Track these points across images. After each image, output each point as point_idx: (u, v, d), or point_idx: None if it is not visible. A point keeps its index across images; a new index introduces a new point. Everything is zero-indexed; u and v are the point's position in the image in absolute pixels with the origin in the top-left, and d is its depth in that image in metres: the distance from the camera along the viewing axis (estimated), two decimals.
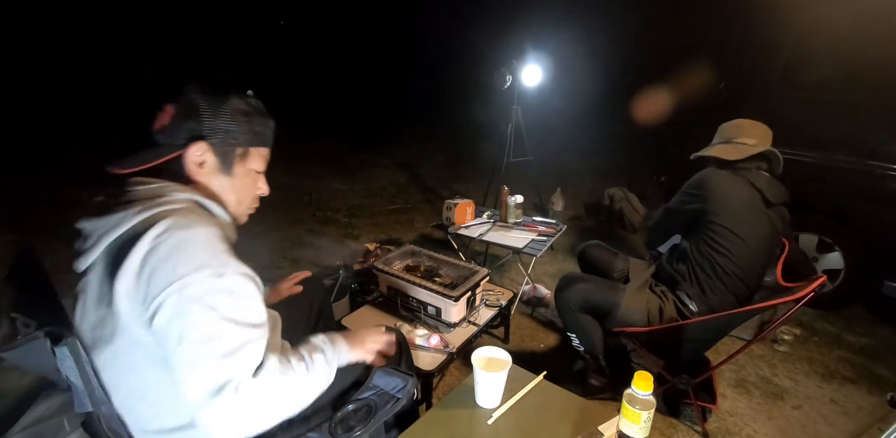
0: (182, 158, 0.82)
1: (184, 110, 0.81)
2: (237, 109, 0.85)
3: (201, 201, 0.81)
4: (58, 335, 0.64)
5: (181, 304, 0.66)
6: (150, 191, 0.77)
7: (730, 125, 1.68)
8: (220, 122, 0.83)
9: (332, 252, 2.83)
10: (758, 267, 1.56)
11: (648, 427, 0.86)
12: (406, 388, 0.95)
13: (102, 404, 0.69)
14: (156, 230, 0.68)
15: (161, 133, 0.82)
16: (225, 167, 0.86)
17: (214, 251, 0.71)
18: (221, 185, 0.87)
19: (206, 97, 0.82)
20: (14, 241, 3.17)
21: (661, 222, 1.78)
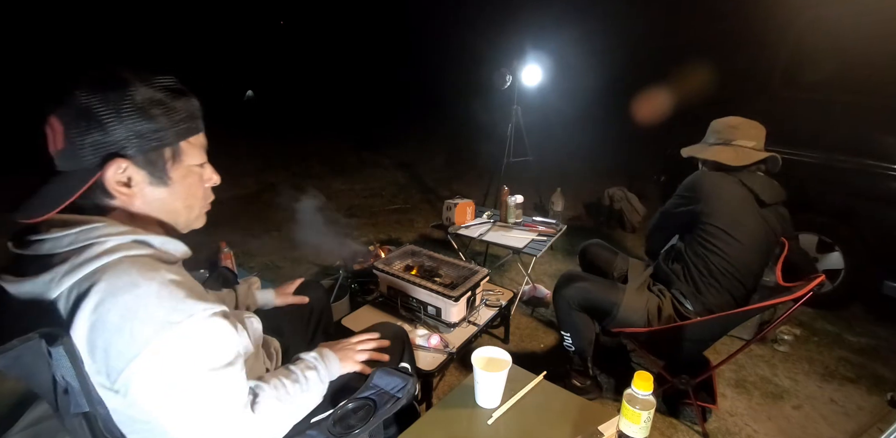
0: (100, 183, 0.65)
1: (78, 121, 0.62)
2: (147, 101, 0.65)
3: (141, 239, 0.66)
4: (53, 335, 0.63)
5: (154, 373, 0.59)
6: (75, 240, 0.62)
7: (725, 125, 1.66)
8: (131, 126, 0.64)
9: (332, 252, 2.83)
10: (754, 267, 1.56)
11: (648, 427, 0.86)
12: (406, 388, 0.95)
13: (98, 404, 0.69)
14: (93, 299, 0.58)
15: (60, 158, 0.64)
16: (157, 177, 0.70)
17: (172, 301, 0.61)
18: (160, 198, 0.71)
19: (98, 96, 0.63)
20: None
21: (657, 225, 1.78)
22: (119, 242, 0.64)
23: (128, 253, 0.63)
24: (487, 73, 3.17)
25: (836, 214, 2.39)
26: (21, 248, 0.64)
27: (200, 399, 0.63)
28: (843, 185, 2.36)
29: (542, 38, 4.70)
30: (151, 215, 0.72)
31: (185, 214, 0.76)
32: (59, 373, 0.66)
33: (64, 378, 0.66)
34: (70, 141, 0.63)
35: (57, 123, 0.63)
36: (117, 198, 0.68)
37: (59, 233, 0.63)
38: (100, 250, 0.62)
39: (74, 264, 0.60)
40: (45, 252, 0.62)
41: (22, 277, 0.62)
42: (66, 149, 0.64)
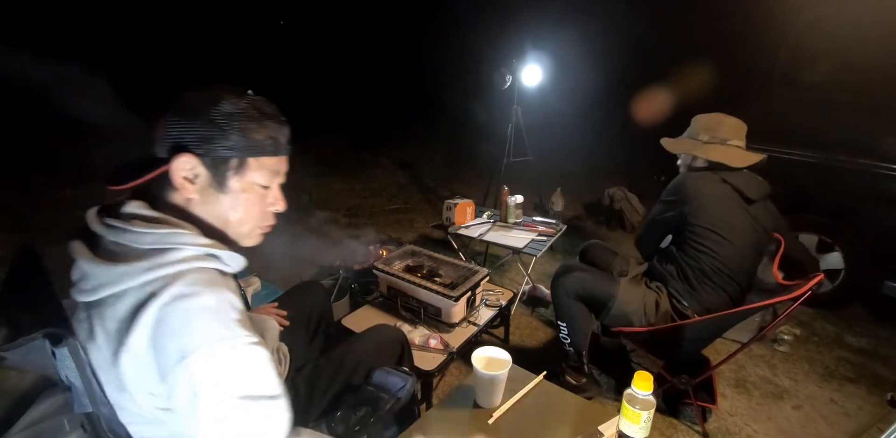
0: (169, 173, 0.72)
1: (172, 116, 0.72)
2: (231, 113, 0.72)
3: (213, 252, 0.71)
4: (57, 336, 0.64)
5: (194, 384, 0.61)
6: (158, 241, 0.68)
7: (716, 121, 1.64)
8: (208, 129, 0.71)
9: (332, 252, 2.83)
10: (746, 265, 1.56)
11: (648, 427, 0.86)
12: (406, 388, 0.95)
13: (102, 404, 0.69)
14: (162, 299, 0.63)
15: (156, 144, 0.74)
16: (218, 182, 0.74)
17: (225, 320, 0.64)
18: (217, 203, 0.76)
19: (197, 101, 0.72)
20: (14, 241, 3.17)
21: (646, 234, 1.79)
22: (195, 253, 0.69)
23: (199, 265, 0.68)
24: (487, 73, 3.17)
25: (836, 214, 2.40)
26: (100, 230, 0.70)
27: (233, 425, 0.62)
28: (843, 185, 2.36)
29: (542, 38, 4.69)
30: (207, 219, 0.77)
31: (234, 227, 0.79)
32: (63, 373, 0.66)
33: (68, 378, 0.66)
34: (163, 132, 0.72)
35: (164, 118, 0.73)
36: (180, 192, 0.73)
37: (144, 229, 0.68)
38: (178, 257, 0.67)
39: (153, 264, 0.65)
40: (125, 242, 0.68)
41: (99, 258, 0.67)
42: (159, 139, 0.73)
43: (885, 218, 2.24)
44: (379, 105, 9.01)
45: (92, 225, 0.71)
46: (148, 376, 0.63)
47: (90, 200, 0.78)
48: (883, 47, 2.21)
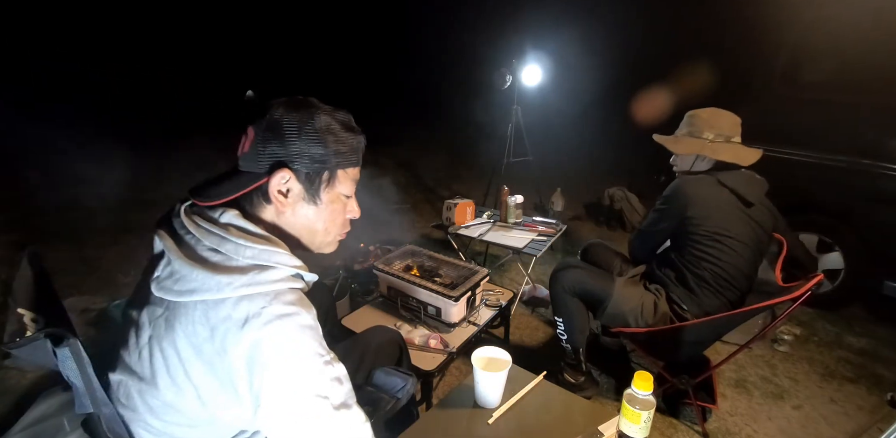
0: (264, 187, 0.74)
1: (265, 133, 0.73)
2: (324, 128, 0.75)
3: (303, 274, 0.75)
4: (59, 336, 0.64)
5: (300, 396, 0.64)
6: (257, 257, 0.69)
7: (720, 119, 1.59)
8: (305, 145, 0.73)
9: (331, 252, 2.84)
10: (746, 270, 1.55)
11: (648, 427, 0.86)
12: (406, 388, 0.95)
13: (103, 405, 0.69)
14: (264, 318, 0.64)
15: (243, 159, 0.75)
16: (311, 195, 0.77)
17: (319, 337, 0.69)
18: (307, 215, 0.79)
19: (289, 116, 0.73)
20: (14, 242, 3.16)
21: (642, 244, 1.75)
22: (289, 274, 0.71)
23: (291, 285, 0.71)
24: (487, 72, 3.17)
25: (836, 214, 2.40)
26: (197, 233, 0.71)
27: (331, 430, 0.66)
28: (843, 185, 2.36)
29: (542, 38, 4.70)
30: (293, 231, 0.79)
31: (321, 236, 0.83)
32: (65, 373, 0.66)
33: (69, 378, 0.66)
34: (254, 147, 0.73)
35: (251, 131, 0.74)
36: (273, 205, 0.76)
37: (245, 242, 0.70)
38: (276, 277, 0.69)
39: (255, 280, 0.67)
40: (224, 252, 0.69)
41: (195, 262, 0.68)
42: (249, 154, 0.74)
43: (885, 218, 2.24)
44: (379, 105, 9.01)
45: (187, 224, 0.72)
46: (234, 389, 0.66)
47: (90, 201, 0.78)
48: (883, 47, 2.21)
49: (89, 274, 2.59)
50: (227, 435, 0.74)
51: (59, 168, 4.30)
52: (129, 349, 0.72)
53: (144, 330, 0.71)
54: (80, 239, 3.00)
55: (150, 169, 4.44)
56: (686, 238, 1.54)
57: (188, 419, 0.70)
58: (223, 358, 0.64)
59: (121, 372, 0.72)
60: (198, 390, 0.67)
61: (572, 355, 1.76)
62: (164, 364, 0.68)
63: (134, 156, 4.81)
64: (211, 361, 0.65)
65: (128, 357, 0.72)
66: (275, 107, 0.74)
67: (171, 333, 0.67)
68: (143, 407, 0.71)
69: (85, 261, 2.73)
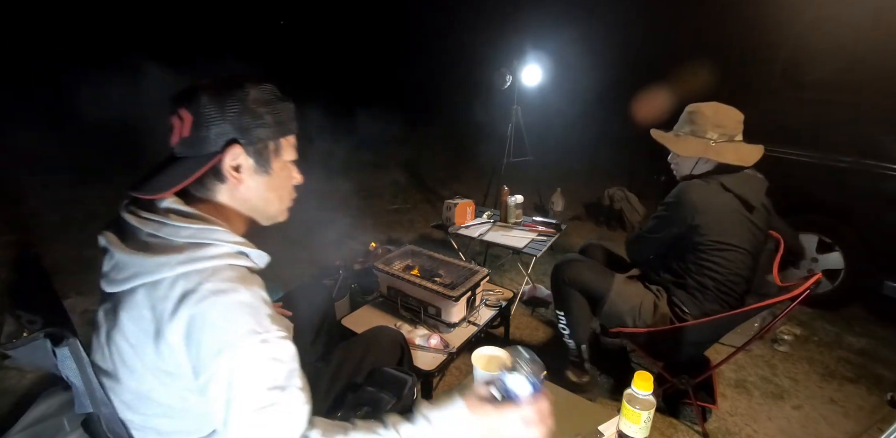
0: (217, 167, 0.75)
1: (204, 114, 0.72)
2: (259, 100, 0.76)
3: (245, 251, 0.74)
4: (58, 336, 0.64)
5: (231, 376, 0.63)
6: (194, 235, 0.70)
7: (724, 116, 1.51)
8: (248, 119, 0.75)
9: (332, 252, 2.83)
10: (747, 275, 1.55)
11: (648, 427, 0.86)
12: (406, 388, 0.95)
13: (103, 405, 0.69)
14: (200, 294, 0.64)
15: (182, 145, 0.74)
16: (262, 166, 0.79)
17: (258, 316, 0.67)
18: (260, 187, 0.80)
19: (223, 94, 0.74)
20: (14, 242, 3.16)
21: (642, 249, 1.72)
22: (229, 250, 0.71)
23: (232, 262, 0.71)
24: (487, 73, 3.17)
25: (836, 214, 2.40)
26: (136, 223, 0.71)
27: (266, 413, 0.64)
28: (843, 185, 2.36)
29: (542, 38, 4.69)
30: (249, 204, 0.81)
31: (276, 204, 0.85)
32: (65, 373, 0.66)
33: (69, 378, 0.66)
34: (197, 130, 0.72)
35: (187, 115, 0.72)
36: (227, 183, 0.77)
37: (181, 223, 0.70)
38: (214, 252, 0.69)
39: (190, 257, 0.67)
40: (162, 235, 0.69)
41: (134, 250, 0.68)
42: (192, 137, 0.73)
43: (885, 218, 2.24)
44: (379, 105, 9.01)
45: (127, 218, 0.72)
46: (180, 367, 0.66)
47: (90, 201, 0.78)
48: (883, 47, 2.21)
49: (89, 274, 2.59)
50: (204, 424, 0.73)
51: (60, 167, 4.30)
52: (94, 350, 0.74)
53: (102, 328, 0.72)
54: (80, 239, 3.00)
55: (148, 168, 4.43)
56: (689, 245, 1.52)
57: (163, 408, 0.70)
58: (164, 337, 0.64)
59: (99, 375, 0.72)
60: (156, 376, 0.67)
61: (575, 352, 1.75)
62: (119, 356, 0.69)
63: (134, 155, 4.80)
64: (156, 343, 0.65)
65: (94, 358, 0.73)
66: (204, 88, 0.74)
67: (119, 323, 0.68)
68: (120, 405, 0.72)
69: (85, 261, 2.73)
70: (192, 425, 0.73)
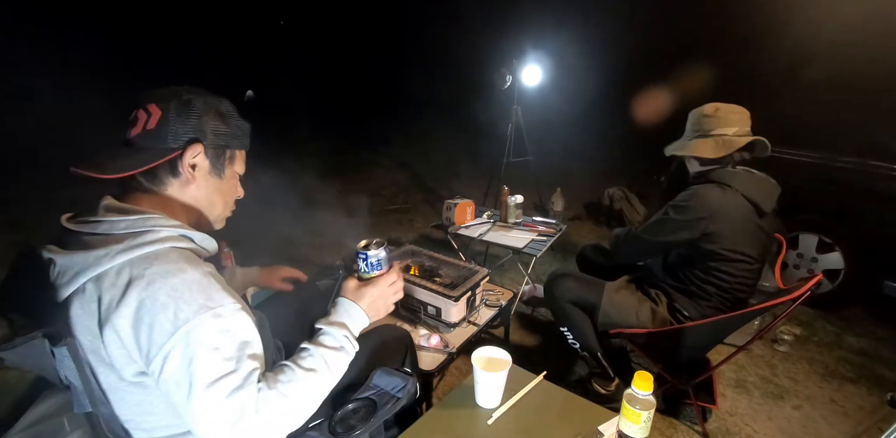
0: (175, 161, 0.78)
1: (179, 111, 0.77)
2: (226, 112, 0.84)
3: (186, 233, 0.76)
4: (57, 336, 0.64)
5: (187, 351, 0.65)
6: (131, 226, 0.71)
7: (700, 115, 1.52)
8: (214, 124, 0.81)
9: (332, 252, 2.83)
10: (752, 282, 1.54)
11: (648, 427, 0.86)
12: (406, 388, 0.95)
13: (102, 404, 0.69)
14: (146, 279, 0.66)
15: (144, 136, 0.77)
16: (216, 170, 0.84)
17: (209, 291, 0.69)
18: (209, 188, 0.84)
19: (200, 99, 0.80)
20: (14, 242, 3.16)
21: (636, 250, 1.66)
22: (169, 234, 0.73)
23: (175, 245, 0.72)
24: (487, 73, 3.17)
25: (836, 214, 2.39)
26: (75, 227, 0.73)
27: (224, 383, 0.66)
28: (843, 185, 2.36)
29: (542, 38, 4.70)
30: (196, 203, 0.84)
31: (220, 209, 0.89)
32: (63, 373, 0.66)
33: (67, 378, 0.66)
34: (163, 124, 0.76)
35: (156, 109, 0.76)
36: (179, 178, 0.80)
37: (117, 218, 0.72)
38: (154, 237, 0.70)
39: (130, 245, 0.68)
40: (101, 231, 0.71)
41: (73, 250, 0.69)
42: (157, 130, 0.76)
43: (885, 218, 2.24)
44: (379, 105, 9.01)
45: (68, 225, 0.74)
46: (129, 354, 0.67)
47: (90, 201, 0.78)
48: (883, 47, 2.21)
49: None
50: None
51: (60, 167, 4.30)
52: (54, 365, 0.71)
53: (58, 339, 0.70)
54: None
55: None
56: (699, 253, 1.49)
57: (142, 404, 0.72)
58: (111, 323, 0.65)
59: None
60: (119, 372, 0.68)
61: (593, 362, 1.72)
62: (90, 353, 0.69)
63: None
64: (102, 331, 0.66)
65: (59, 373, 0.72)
66: (185, 90, 0.80)
67: (80, 324, 0.68)
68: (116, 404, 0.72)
69: None
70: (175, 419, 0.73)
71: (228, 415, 0.65)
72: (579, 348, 1.71)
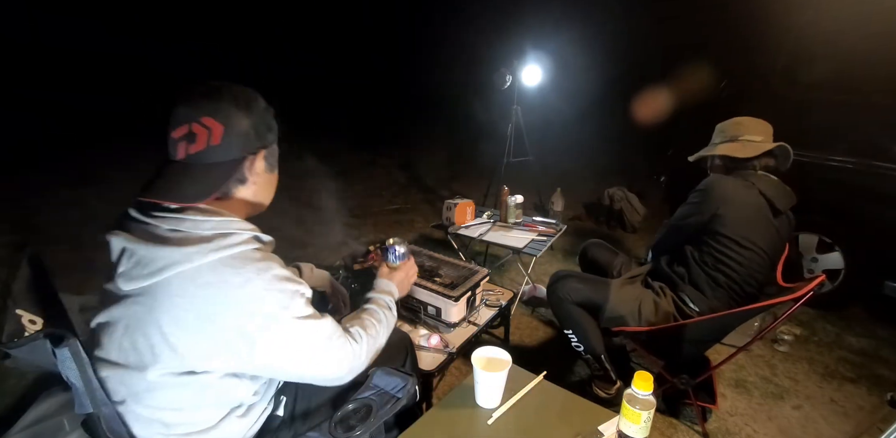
0: (244, 169, 0.83)
1: (234, 123, 0.77)
2: (267, 109, 0.85)
3: (258, 235, 0.83)
4: (58, 336, 0.64)
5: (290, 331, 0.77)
6: (217, 227, 0.76)
7: (731, 123, 1.65)
8: (264, 127, 0.83)
9: (332, 252, 2.83)
10: (760, 277, 1.55)
11: (648, 427, 0.86)
12: (406, 388, 0.95)
13: (103, 405, 0.69)
14: (244, 276, 0.73)
15: (210, 152, 0.76)
16: (270, 165, 0.89)
17: (293, 281, 0.80)
18: (266, 183, 0.89)
19: (245, 104, 0.80)
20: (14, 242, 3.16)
21: (667, 239, 1.72)
22: (249, 236, 0.79)
23: (254, 246, 0.80)
24: (487, 73, 3.17)
25: (836, 214, 2.39)
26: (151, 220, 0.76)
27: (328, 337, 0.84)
28: (843, 185, 2.36)
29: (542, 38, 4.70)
30: (258, 198, 0.89)
31: (269, 200, 0.94)
32: (65, 373, 0.66)
33: (69, 378, 0.66)
34: (227, 137, 0.77)
35: (216, 124, 0.76)
36: (246, 182, 0.85)
37: (201, 218, 0.76)
38: (240, 239, 0.77)
39: (220, 245, 0.74)
40: (185, 229, 0.74)
41: (158, 244, 0.73)
42: (222, 144, 0.77)
43: (885, 218, 2.24)
44: (379, 105, 9.01)
45: (141, 217, 0.76)
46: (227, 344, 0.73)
47: (90, 201, 0.79)
48: (883, 47, 2.20)
49: (89, 274, 2.59)
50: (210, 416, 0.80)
51: (59, 167, 4.31)
52: (104, 347, 0.76)
53: (119, 323, 0.74)
54: (80, 239, 3.00)
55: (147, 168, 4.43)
56: (710, 236, 1.52)
57: (170, 400, 0.75)
58: (214, 320, 0.71)
59: (103, 370, 0.75)
60: (184, 359, 0.72)
61: (596, 364, 1.72)
62: (147, 344, 0.72)
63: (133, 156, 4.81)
64: (198, 328, 0.71)
65: (107, 354, 0.76)
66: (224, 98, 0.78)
67: (149, 314, 0.71)
68: (129, 398, 0.75)
69: (85, 261, 2.73)
70: (198, 417, 0.78)
71: (347, 351, 0.87)
72: (583, 351, 1.71)
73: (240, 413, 0.84)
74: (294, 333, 0.78)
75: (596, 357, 1.70)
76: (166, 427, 0.77)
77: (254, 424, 0.89)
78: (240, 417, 0.84)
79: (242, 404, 0.85)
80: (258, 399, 0.89)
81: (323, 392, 1.04)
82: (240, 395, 0.82)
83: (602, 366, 1.71)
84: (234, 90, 0.80)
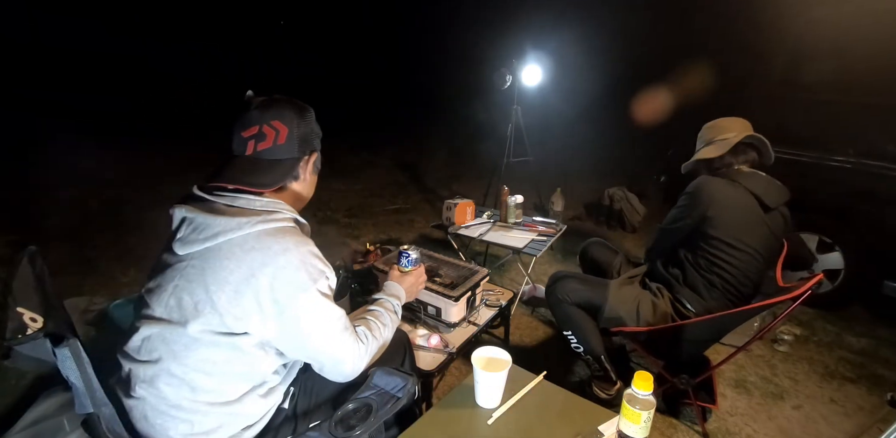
0: (299, 167, 0.96)
1: (296, 127, 0.92)
2: (314, 116, 0.98)
3: (297, 218, 0.94)
4: (58, 336, 0.64)
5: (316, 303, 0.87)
6: (266, 206, 0.89)
7: (705, 128, 1.68)
8: (316, 132, 0.98)
9: (332, 252, 2.84)
10: (755, 277, 1.55)
11: (648, 427, 0.86)
12: (406, 388, 0.95)
13: (103, 405, 0.69)
14: (283, 246, 0.84)
15: (276, 150, 0.91)
16: (316, 168, 1.02)
17: (323, 259, 0.91)
18: (310, 183, 1.02)
19: (302, 112, 0.95)
20: (14, 242, 3.16)
21: (660, 243, 1.73)
22: (290, 216, 0.92)
23: (293, 225, 0.91)
24: (487, 73, 3.17)
25: (836, 214, 2.39)
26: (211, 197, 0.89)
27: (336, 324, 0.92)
28: (843, 185, 2.36)
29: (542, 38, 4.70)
30: (304, 193, 1.02)
31: (307, 201, 1.05)
32: (65, 373, 0.66)
33: (69, 378, 0.66)
34: (290, 138, 0.92)
35: (282, 126, 0.91)
36: (299, 179, 0.98)
37: (253, 197, 0.89)
38: (283, 216, 0.89)
39: (266, 219, 0.86)
40: (239, 205, 0.87)
41: (215, 213, 0.85)
42: (287, 144, 0.92)
43: (885, 218, 2.24)
44: (379, 105, 9.01)
45: (202, 194, 0.90)
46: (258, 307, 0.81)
47: (91, 201, 0.80)
48: (882, 47, 2.20)
49: (89, 274, 2.59)
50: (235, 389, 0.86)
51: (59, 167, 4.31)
52: (151, 306, 0.85)
53: (169, 285, 0.84)
54: (80, 239, 3.00)
55: (147, 169, 4.45)
56: (702, 239, 1.53)
57: (204, 360, 0.82)
58: (251, 281, 0.80)
59: (146, 328, 0.83)
60: (223, 317, 0.80)
61: (596, 365, 1.71)
62: (192, 302, 0.81)
63: (134, 156, 4.81)
64: (238, 288, 0.80)
65: (153, 312, 0.84)
66: (288, 103, 0.94)
67: (199, 275, 0.81)
68: (167, 355, 0.82)
69: (85, 261, 2.73)
70: (225, 386, 0.84)
71: (355, 348, 0.95)
72: (583, 352, 1.71)
73: (261, 392, 0.89)
74: (317, 306, 0.87)
75: (596, 357, 1.70)
76: (193, 391, 0.82)
77: (268, 411, 0.93)
78: (260, 396, 0.89)
79: (265, 382, 0.90)
80: (278, 382, 0.94)
81: (324, 391, 1.05)
82: (264, 369, 0.89)
83: (602, 367, 1.71)
84: (295, 102, 0.96)
